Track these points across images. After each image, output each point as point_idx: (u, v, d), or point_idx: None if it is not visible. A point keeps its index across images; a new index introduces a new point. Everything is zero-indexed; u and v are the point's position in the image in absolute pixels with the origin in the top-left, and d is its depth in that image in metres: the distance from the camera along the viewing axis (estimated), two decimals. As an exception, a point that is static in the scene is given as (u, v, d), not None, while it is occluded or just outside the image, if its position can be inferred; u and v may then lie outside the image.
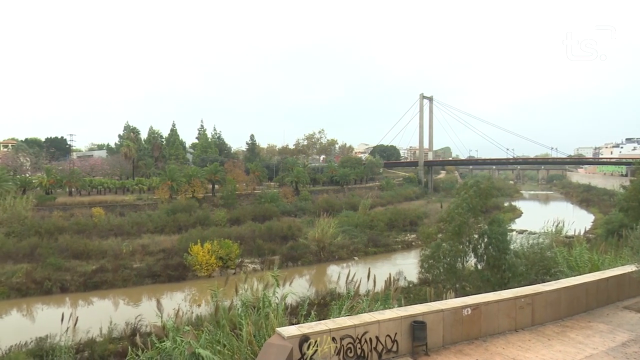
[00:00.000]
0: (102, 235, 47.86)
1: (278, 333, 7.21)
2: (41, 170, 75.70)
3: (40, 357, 18.32)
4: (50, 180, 64.10)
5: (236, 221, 55.76)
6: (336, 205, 68.86)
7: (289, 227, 50.56)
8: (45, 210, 54.67)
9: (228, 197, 66.14)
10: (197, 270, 36.77)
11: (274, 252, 43.81)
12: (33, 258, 38.62)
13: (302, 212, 65.67)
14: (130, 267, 37.49)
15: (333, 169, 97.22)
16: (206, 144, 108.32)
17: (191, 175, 67.96)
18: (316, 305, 16.94)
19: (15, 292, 32.31)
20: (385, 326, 8.10)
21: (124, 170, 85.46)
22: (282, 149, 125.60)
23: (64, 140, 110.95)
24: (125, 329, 22.85)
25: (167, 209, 57.18)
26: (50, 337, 20.19)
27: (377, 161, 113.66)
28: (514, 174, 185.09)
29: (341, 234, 45.95)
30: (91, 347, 20.77)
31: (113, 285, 34.79)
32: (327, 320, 8.21)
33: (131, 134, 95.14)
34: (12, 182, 58.93)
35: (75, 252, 40.57)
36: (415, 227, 57.44)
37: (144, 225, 51.93)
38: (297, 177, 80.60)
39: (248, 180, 76.44)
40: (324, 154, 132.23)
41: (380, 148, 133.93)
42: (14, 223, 46.10)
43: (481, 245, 23.80)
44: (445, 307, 9.05)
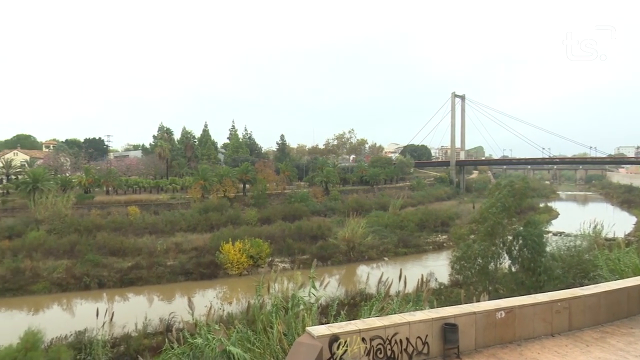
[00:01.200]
0: (137, 233, 49.26)
1: (308, 332, 7.23)
2: (80, 170, 78.55)
3: (79, 350, 18.99)
4: (88, 179, 66.45)
5: (266, 220, 56.28)
6: (366, 205, 68.55)
7: (318, 226, 50.67)
8: (84, 209, 56.69)
9: (259, 197, 66.84)
10: (229, 268, 37.32)
11: (303, 251, 44.00)
12: (73, 254, 40.13)
13: (331, 211, 65.70)
14: (164, 265, 38.41)
15: (363, 168, 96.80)
16: (237, 144, 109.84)
17: (223, 175, 69.03)
18: (346, 306, 16.92)
19: (57, 286, 33.69)
20: (416, 328, 8.00)
21: (158, 169, 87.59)
22: (312, 148, 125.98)
23: (101, 140, 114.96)
24: (159, 324, 23.41)
25: (200, 208, 58.29)
26: (88, 331, 20.88)
27: (408, 161, 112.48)
28: (550, 174, 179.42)
29: (371, 234, 45.72)
30: (127, 341, 21.39)
31: (148, 281, 35.74)
32: (357, 320, 8.17)
33: (165, 135, 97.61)
34: (53, 182, 61.35)
35: (112, 249, 41.90)
36: (447, 228, 56.52)
37: (177, 223, 53.15)
38: (327, 177, 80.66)
39: (278, 180, 77.02)
40: (354, 153, 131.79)
41: (411, 148, 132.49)
42: (55, 221, 48.05)
43: (515, 247, 23.24)
44: (478, 310, 8.85)
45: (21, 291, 32.75)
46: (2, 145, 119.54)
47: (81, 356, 18.60)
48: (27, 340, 13.11)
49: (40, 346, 13.90)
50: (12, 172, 74.82)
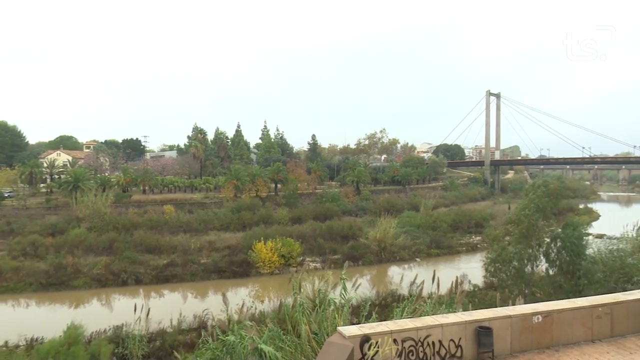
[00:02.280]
0: (172, 231, 50.48)
1: (339, 332, 7.22)
2: (118, 169, 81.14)
3: (117, 344, 19.61)
4: (126, 179, 68.60)
5: (298, 220, 56.59)
6: (398, 205, 67.93)
7: (349, 226, 50.55)
8: (122, 207, 58.54)
9: (290, 197, 67.28)
10: (260, 267, 37.74)
11: (334, 251, 44.01)
12: (111, 251, 41.52)
13: (363, 211, 65.44)
14: (198, 263, 39.20)
15: (395, 168, 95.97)
16: (269, 144, 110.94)
17: (255, 174, 69.83)
18: (377, 306, 16.84)
19: (96, 282, 34.98)
20: (449, 330, 7.86)
21: (192, 169, 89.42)
22: (343, 148, 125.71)
23: (138, 141, 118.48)
24: (193, 321, 23.90)
25: (232, 207, 59.17)
26: (125, 325, 21.54)
27: (441, 160, 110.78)
28: (591, 174, 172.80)
29: (403, 234, 45.29)
30: (162, 337, 21.94)
31: (182, 279, 36.59)
32: (389, 321, 8.10)
33: (199, 135, 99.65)
34: (93, 181, 63.64)
35: (149, 246, 43.09)
36: (481, 229, 55.33)
37: (210, 222, 54.14)
38: (358, 177, 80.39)
39: (310, 179, 77.26)
40: (386, 153, 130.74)
41: (444, 147, 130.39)
42: (95, 219, 49.84)
43: (553, 250, 22.51)
44: (514, 314, 8.62)
45: (63, 286, 34.17)
46: (46, 146, 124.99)
47: (119, 350, 19.20)
48: (69, 335, 13.65)
49: (81, 340, 14.45)
50: (55, 172, 78.09)
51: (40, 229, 47.51)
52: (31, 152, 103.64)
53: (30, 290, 33.55)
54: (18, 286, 33.64)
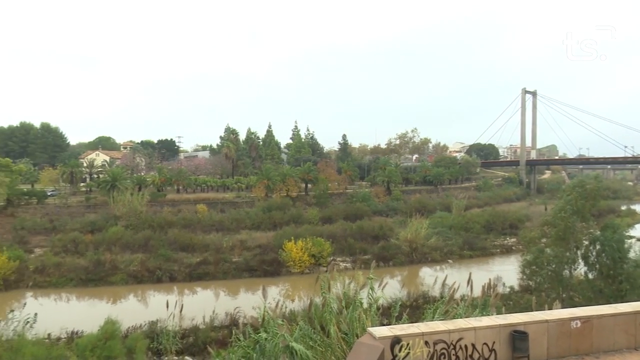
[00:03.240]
0: (205, 230, 51.44)
1: (369, 333, 7.17)
2: (154, 169, 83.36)
3: (152, 339, 20.14)
4: (161, 178, 70.41)
5: (328, 220, 56.64)
6: (429, 206, 67.05)
7: (380, 226, 50.24)
8: (157, 206, 60.07)
9: (320, 196, 67.43)
10: (291, 266, 37.98)
11: (365, 251, 43.82)
12: (147, 249, 42.68)
13: (393, 212, 64.90)
14: (230, 261, 39.80)
15: (426, 168, 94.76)
16: (300, 144, 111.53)
17: (286, 174, 70.31)
18: (408, 308, 16.65)
19: (132, 278, 36.04)
20: (482, 334, 7.68)
21: (224, 169, 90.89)
22: (373, 148, 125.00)
23: (173, 142, 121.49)
24: (225, 318, 24.28)
25: (263, 206, 59.78)
26: (160, 321, 22.08)
27: (474, 160, 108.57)
28: (634, 175, 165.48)
29: (434, 235, 44.64)
30: (195, 333, 22.40)
31: (214, 277, 37.24)
32: (420, 323, 7.99)
33: (231, 136, 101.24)
34: (130, 180, 65.60)
35: (182, 244, 44.06)
36: (516, 231, 53.90)
37: (242, 221, 54.89)
38: (389, 177, 79.78)
39: (340, 179, 77.19)
40: (417, 153, 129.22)
41: (477, 147, 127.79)
42: (132, 217, 51.37)
43: (592, 253, 21.70)
44: (550, 318, 8.34)
45: (102, 282, 35.38)
46: (85, 146, 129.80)
47: (154, 345, 19.69)
48: (106, 330, 14.12)
49: (118, 335, 14.92)
50: (94, 172, 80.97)
51: (81, 227, 49.35)
52: (72, 153, 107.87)
53: (71, 285, 34.90)
54: (60, 281, 35.05)
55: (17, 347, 11.31)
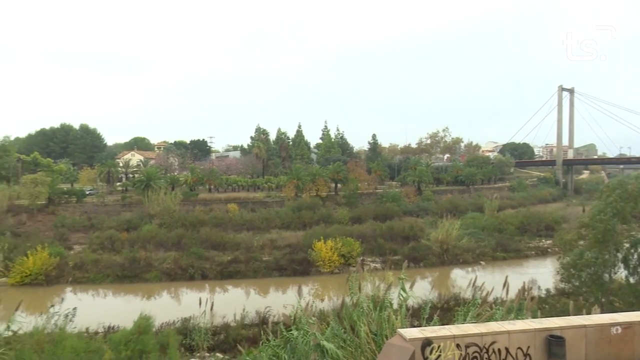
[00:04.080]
0: (236, 229, 52.17)
1: (399, 334, 7.09)
2: (186, 169, 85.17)
3: (184, 335, 20.56)
4: (193, 178, 71.90)
5: (358, 220, 56.46)
6: (461, 206, 65.90)
7: (410, 227, 49.71)
8: (189, 205, 61.33)
9: (350, 196, 67.31)
10: (320, 266, 38.06)
11: (395, 251, 43.46)
12: (180, 247, 43.63)
13: (424, 212, 64.11)
14: (260, 260, 40.22)
15: (458, 168, 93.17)
16: (329, 144, 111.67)
17: (315, 174, 70.52)
18: (439, 309, 16.40)
19: (166, 276, 36.93)
20: (517, 338, 7.47)
21: (255, 169, 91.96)
22: (404, 148, 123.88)
23: (205, 142, 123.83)
24: (255, 317, 24.54)
25: (293, 206, 60.12)
26: (192, 318, 22.52)
27: (507, 160, 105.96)
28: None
29: (466, 236, 43.84)
30: (226, 330, 22.72)
31: (245, 275, 37.72)
32: (451, 325, 7.84)
33: (261, 136, 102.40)
34: (163, 180, 67.26)
35: (214, 243, 44.82)
36: (552, 232, 52.24)
37: (272, 221, 55.38)
38: (420, 177, 78.85)
39: (370, 179, 76.85)
40: (448, 152, 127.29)
41: (511, 146, 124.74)
42: (165, 216, 52.63)
43: (633, 256, 20.82)
44: (589, 323, 8.03)
45: (137, 278, 36.41)
46: (121, 147, 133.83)
47: (186, 341, 20.09)
48: (140, 325, 14.48)
49: (151, 330, 15.27)
50: (130, 171, 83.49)
51: (117, 225, 50.91)
52: (109, 153, 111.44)
53: (107, 281, 36.05)
54: (97, 277, 36.26)
55: (58, 340, 11.75)
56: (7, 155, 70.44)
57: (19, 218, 53.56)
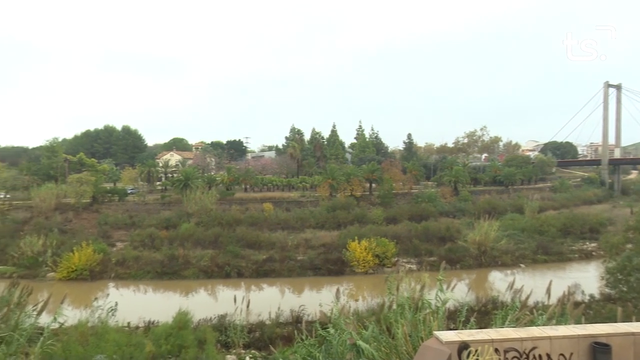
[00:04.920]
0: (271, 228, 52.72)
1: (435, 337, 6.97)
2: (223, 169, 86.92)
3: (220, 332, 20.92)
4: (230, 178, 73.28)
5: (392, 220, 55.95)
6: (499, 207, 64.15)
7: (447, 228, 48.84)
8: (225, 204, 62.45)
9: (385, 196, 66.82)
10: (355, 266, 37.93)
11: (430, 252, 42.83)
12: (216, 245, 44.50)
13: (461, 213, 62.83)
14: (295, 259, 40.49)
15: (496, 168, 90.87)
16: (364, 144, 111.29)
17: (350, 174, 70.39)
18: (476, 312, 16.02)
19: (203, 273, 37.75)
20: (559, 344, 7.21)
21: (289, 169, 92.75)
22: (440, 147, 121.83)
23: (240, 142, 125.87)
24: (289, 315, 24.69)
25: (328, 206, 60.21)
26: (228, 315, 22.90)
27: (549, 159, 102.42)
28: None
29: (505, 238, 42.65)
30: (261, 328, 22.97)
31: (280, 274, 38.04)
32: (490, 329, 7.66)
33: (296, 136, 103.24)
34: (201, 180, 68.85)
35: (249, 242, 45.46)
36: (596, 235, 50.14)
37: (306, 220, 55.64)
38: (456, 177, 77.38)
39: (405, 179, 76.08)
40: (486, 152, 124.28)
41: (553, 145, 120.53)
42: (202, 214, 53.82)
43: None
44: (638, 331, 7.66)
45: (175, 275, 37.38)
46: (161, 147, 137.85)
47: (222, 338, 20.44)
48: (179, 320, 14.88)
49: (189, 325, 15.66)
50: (169, 171, 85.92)
51: (156, 223, 52.45)
52: (149, 153, 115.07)
53: (148, 277, 37.19)
54: (138, 273, 37.46)
55: (101, 333, 12.22)
56: (55, 156, 74.01)
57: (65, 216, 56.06)
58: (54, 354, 10.48)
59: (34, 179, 66.24)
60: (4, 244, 41.70)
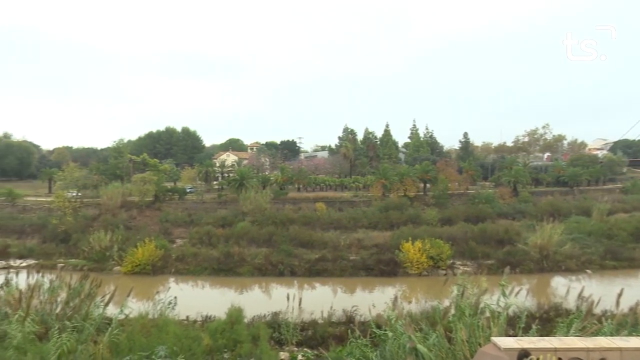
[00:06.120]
0: (323, 227, 53.01)
1: (493, 342, 6.72)
2: (277, 169, 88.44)
3: (273, 329, 21.28)
4: (283, 177, 74.54)
5: (447, 221, 54.57)
6: (563, 209, 60.81)
7: (505, 230, 46.95)
8: (279, 204, 63.54)
9: (440, 197, 65.35)
10: (408, 267, 37.35)
11: (488, 255, 41.37)
12: (270, 244, 45.39)
13: (521, 214, 60.17)
14: (347, 259, 40.46)
15: (560, 168, 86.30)
16: (418, 143, 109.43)
17: (403, 174, 69.46)
18: (537, 319, 15.27)
19: (257, 271, 38.64)
20: (630, 356, 6.72)
21: (342, 169, 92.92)
22: (499, 146, 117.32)
23: (294, 142, 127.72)
24: (342, 315, 24.69)
25: (380, 206, 59.72)
26: (281, 312, 23.24)
27: (619, 159, 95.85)
28: None
29: (570, 241, 40.40)
30: (314, 327, 23.11)
31: (332, 273, 38.17)
32: (552, 337, 7.28)
33: (349, 136, 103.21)
34: (255, 179, 70.47)
35: (302, 241, 45.96)
36: (675, 241, 46.31)
37: (359, 220, 55.46)
38: (516, 177, 74.23)
39: (461, 179, 74.05)
40: (549, 151, 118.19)
41: (624, 143, 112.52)
42: (257, 213, 55.06)
43: None
44: None
45: (231, 272, 38.51)
46: (218, 148, 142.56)
47: (275, 335, 20.79)
48: (232, 315, 15.31)
49: (243, 321, 16.07)
50: (225, 171, 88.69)
51: (213, 221, 54.21)
52: (206, 154, 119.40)
53: (205, 273, 38.57)
54: (196, 269, 38.93)
55: (162, 325, 12.80)
56: (121, 157, 78.61)
57: (130, 213, 59.27)
58: (119, 343, 11.10)
59: (102, 178, 70.55)
60: (76, 239, 44.79)
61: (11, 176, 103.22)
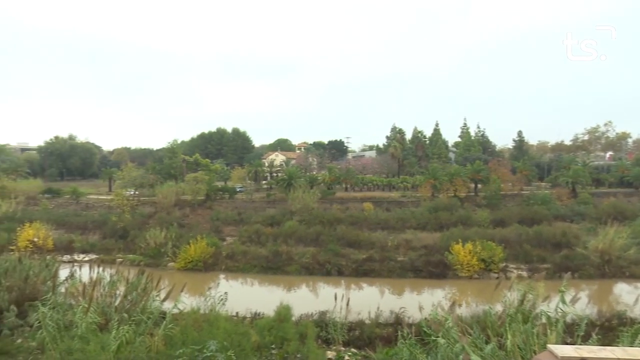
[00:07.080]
0: (371, 227, 52.64)
1: (550, 350, 6.38)
2: (324, 168, 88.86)
3: (320, 328, 21.36)
4: (331, 177, 74.75)
5: (500, 223, 52.68)
6: (627, 211, 57.10)
7: (563, 233, 44.69)
8: (326, 203, 63.74)
9: (492, 197, 63.25)
10: (458, 270, 36.39)
11: (543, 259, 39.53)
12: (317, 243, 45.59)
13: (580, 217, 57.11)
14: (395, 260, 39.95)
15: (624, 167, 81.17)
16: (469, 143, 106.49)
17: (453, 174, 67.82)
18: (597, 327, 14.45)
19: (304, 270, 38.92)
20: None
21: (390, 168, 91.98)
22: (555, 145, 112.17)
23: (341, 142, 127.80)
24: (389, 316, 24.41)
25: (429, 206, 58.57)
26: (328, 312, 23.29)
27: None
28: None
29: (635, 246, 37.92)
30: (361, 327, 22.98)
31: (379, 274, 37.80)
32: (615, 347, 6.83)
33: (397, 135, 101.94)
34: (303, 179, 71.12)
35: (349, 241, 45.84)
36: None
37: (407, 221, 54.64)
38: (575, 177, 70.53)
39: (514, 179, 71.36)
40: (611, 150, 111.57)
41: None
42: (304, 213, 55.51)
43: None
44: None
45: (279, 271, 39.02)
46: (267, 148, 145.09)
47: (323, 334, 20.86)
48: (280, 313, 15.51)
49: (291, 319, 16.24)
50: (274, 171, 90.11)
51: (262, 220, 55.18)
52: (256, 154, 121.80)
53: (254, 271, 39.32)
54: (246, 267, 39.77)
55: (213, 320, 13.17)
56: (175, 157, 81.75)
57: (183, 211, 61.46)
58: (173, 337, 11.54)
59: (158, 177, 73.63)
60: (134, 235, 46.97)
61: (75, 175, 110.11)
